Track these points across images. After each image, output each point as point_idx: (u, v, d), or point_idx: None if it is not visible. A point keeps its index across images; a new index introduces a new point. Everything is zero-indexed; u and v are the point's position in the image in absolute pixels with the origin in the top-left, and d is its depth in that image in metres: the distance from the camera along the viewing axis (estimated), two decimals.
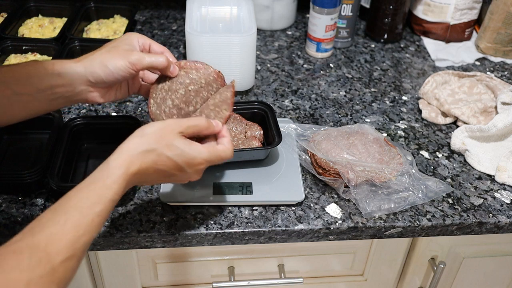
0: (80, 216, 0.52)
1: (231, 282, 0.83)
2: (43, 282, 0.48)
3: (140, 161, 0.58)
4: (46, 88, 0.66)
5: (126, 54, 0.67)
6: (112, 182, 0.56)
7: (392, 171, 0.79)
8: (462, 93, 1.01)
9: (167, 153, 0.60)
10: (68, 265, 0.51)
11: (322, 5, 1.08)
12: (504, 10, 1.12)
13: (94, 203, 0.54)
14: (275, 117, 0.84)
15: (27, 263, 0.48)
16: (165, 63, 0.68)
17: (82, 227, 0.52)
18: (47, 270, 0.49)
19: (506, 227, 0.79)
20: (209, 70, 0.72)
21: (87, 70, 0.66)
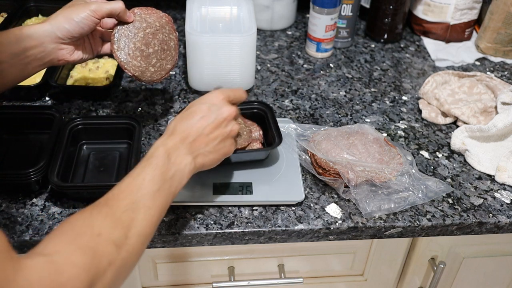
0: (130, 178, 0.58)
1: (231, 282, 0.83)
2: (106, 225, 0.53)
3: (174, 125, 0.65)
4: (19, 52, 0.71)
5: (85, 5, 0.74)
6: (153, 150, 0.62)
7: (392, 171, 0.79)
8: (462, 93, 1.01)
9: (191, 108, 0.67)
10: (131, 214, 0.55)
11: (322, 5, 1.08)
12: (504, 10, 1.12)
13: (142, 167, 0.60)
14: (274, 117, 0.84)
15: (89, 214, 0.54)
16: (123, 7, 0.76)
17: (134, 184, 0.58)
18: (108, 215, 0.54)
19: (506, 227, 0.79)
20: (160, 14, 0.82)
21: (54, 27, 0.73)
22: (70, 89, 0.97)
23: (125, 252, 0.52)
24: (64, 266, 0.46)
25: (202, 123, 0.65)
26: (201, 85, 0.99)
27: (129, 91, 1.00)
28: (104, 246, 0.50)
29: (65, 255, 0.47)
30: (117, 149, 0.85)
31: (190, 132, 0.64)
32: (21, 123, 0.86)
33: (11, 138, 0.86)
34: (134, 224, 0.54)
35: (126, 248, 0.53)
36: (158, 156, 0.60)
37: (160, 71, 0.82)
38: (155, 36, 0.80)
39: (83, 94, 0.97)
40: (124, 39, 0.78)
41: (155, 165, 0.59)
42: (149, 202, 0.57)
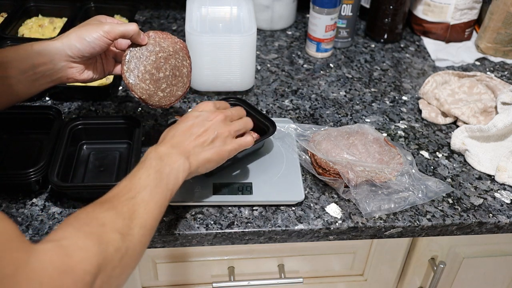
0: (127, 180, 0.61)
1: (231, 282, 0.83)
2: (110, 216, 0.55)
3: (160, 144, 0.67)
4: (28, 69, 0.69)
5: (99, 26, 0.73)
6: (145, 156, 0.64)
7: (392, 171, 0.79)
8: (462, 93, 1.01)
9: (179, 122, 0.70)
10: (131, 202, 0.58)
11: (322, 5, 1.08)
12: (504, 10, 1.12)
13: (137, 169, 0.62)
14: (254, 107, 0.84)
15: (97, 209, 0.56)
16: (136, 30, 0.74)
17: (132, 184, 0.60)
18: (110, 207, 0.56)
19: (506, 227, 0.79)
20: (176, 39, 0.79)
21: (65, 45, 0.71)
22: (70, 89, 0.97)
23: (129, 242, 0.54)
24: (73, 250, 0.48)
25: (190, 128, 0.68)
26: (201, 85, 0.99)
27: (129, 91, 1.00)
28: (110, 234, 0.52)
29: (73, 240, 0.49)
30: (117, 149, 0.85)
31: (179, 138, 0.67)
32: (21, 123, 0.86)
33: (11, 138, 0.86)
34: (136, 216, 0.56)
35: (130, 238, 0.54)
36: (151, 159, 0.63)
37: (169, 96, 0.79)
38: (167, 61, 0.77)
39: (83, 94, 0.97)
40: (135, 60, 0.75)
41: (149, 165, 0.62)
42: (148, 197, 0.58)
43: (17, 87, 0.70)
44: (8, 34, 1.05)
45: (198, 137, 0.67)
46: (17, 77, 0.69)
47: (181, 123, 0.69)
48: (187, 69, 0.81)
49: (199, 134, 0.68)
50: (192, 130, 0.68)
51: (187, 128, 0.68)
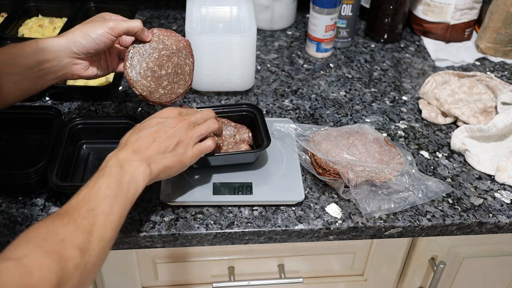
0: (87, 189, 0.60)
1: (231, 282, 0.83)
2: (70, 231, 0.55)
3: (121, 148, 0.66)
4: (34, 65, 0.70)
5: (103, 22, 0.73)
6: (105, 164, 0.63)
7: (392, 171, 0.79)
8: (462, 93, 1.01)
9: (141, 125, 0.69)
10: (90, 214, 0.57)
11: (322, 5, 1.08)
12: (504, 10, 1.12)
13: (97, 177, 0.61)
14: (263, 119, 0.84)
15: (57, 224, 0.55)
16: (140, 26, 0.74)
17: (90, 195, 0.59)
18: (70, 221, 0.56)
19: (506, 227, 0.79)
20: (179, 37, 0.79)
21: (70, 41, 0.71)
22: (70, 89, 0.97)
23: (88, 256, 0.54)
24: (33, 269, 0.48)
25: (154, 134, 0.67)
26: (201, 85, 0.99)
27: (129, 91, 1.00)
28: (69, 250, 0.52)
29: (33, 259, 0.49)
30: None
31: (141, 143, 0.66)
32: (21, 123, 0.86)
33: (11, 138, 0.86)
34: (95, 229, 0.56)
35: (90, 252, 0.54)
36: (111, 166, 0.62)
37: (170, 94, 0.79)
38: (170, 58, 0.78)
39: (83, 94, 0.97)
40: (138, 57, 0.76)
41: (109, 174, 0.61)
42: (108, 209, 0.58)
43: (23, 83, 0.71)
44: (8, 34, 1.05)
45: (160, 144, 0.66)
46: (23, 74, 0.70)
47: (145, 128, 0.68)
48: (189, 67, 0.80)
49: (162, 141, 0.66)
50: (155, 136, 0.67)
51: (150, 133, 0.67)
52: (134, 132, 0.68)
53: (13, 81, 0.70)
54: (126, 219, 0.73)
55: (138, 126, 0.70)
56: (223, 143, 0.81)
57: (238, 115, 0.86)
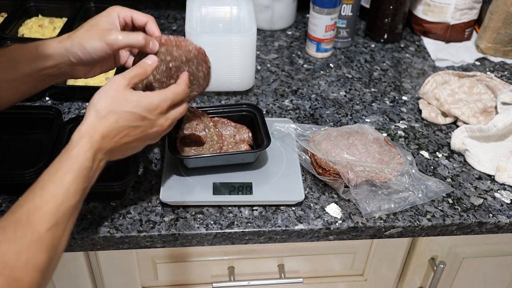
0: (54, 186, 0.55)
1: (231, 282, 0.83)
2: (32, 250, 0.51)
3: (101, 125, 0.60)
4: (33, 72, 0.69)
5: (103, 34, 0.67)
6: (78, 151, 0.58)
7: (392, 171, 0.79)
8: (462, 93, 1.01)
9: (124, 108, 0.62)
10: (54, 232, 0.53)
11: (322, 5, 1.08)
12: (504, 10, 1.12)
13: (65, 173, 0.56)
14: (263, 119, 0.84)
15: (13, 236, 0.51)
16: (142, 42, 0.68)
17: (59, 196, 0.55)
18: (34, 239, 0.51)
19: (506, 227, 0.79)
20: (190, 47, 0.72)
21: (68, 51, 0.68)
22: (70, 89, 0.97)
23: (48, 274, 0.53)
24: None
25: (130, 131, 0.63)
26: None
27: None
28: (31, 274, 0.50)
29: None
30: None
31: (113, 134, 0.62)
32: (21, 123, 0.86)
33: (11, 138, 0.86)
34: (58, 243, 0.54)
35: (50, 269, 0.53)
36: (85, 160, 0.58)
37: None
38: (179, 69, 0.72)
39: (83, 94, 0.97)
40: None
41: (80, 172, 0.57)
42: (71, 216, 0.56)
43: (22, 88, 0.71)
44: (8, 34, 1.05)
45: (127, 143, 0.64)
46: (22, 79, 0.69)
47: (128, 119, 0.62)
48: (203, 73, 0.75)
49: (130, 141, 0.64)
50: (130, 133, 0.63)
51: (127, 127, 0.62)
52: (118, 113, 0.62)
53: (12, 86, 0.69)
54: (126, 219, 0.74)
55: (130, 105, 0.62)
56: (223, 143, 0.81)
57: (238, 115, 0.86)
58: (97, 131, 0.60)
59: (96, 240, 0.72)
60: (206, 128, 0.81)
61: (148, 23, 0.72)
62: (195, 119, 0.81)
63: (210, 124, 0.82)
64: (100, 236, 0.71)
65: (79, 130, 0.60)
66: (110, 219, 0.73)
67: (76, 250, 0.73)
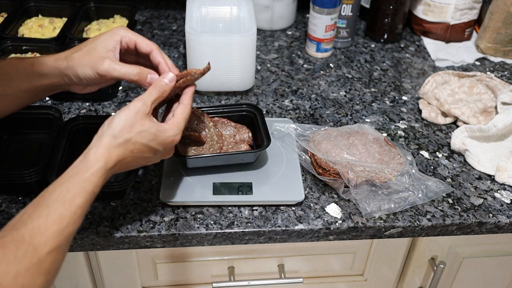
0: (62, 208, 0.54)
1: (231, 282, 0.83)
2: (30, 274, 0.50)
3: (117, 153, 0.61)
4: (28, 89, 0.69)
5: (97, 63, 0.66)
6: (91, 175, 0.58)
7: (392, 171, 0.79)
8: (462, 93, 1.01)
9: (142, 140, 0.62)
10: (55, 256, 0.52)
11: (322, 5, 1.08)
12: (504, 10, 1.12)
13: (75, 195, 0.55)
14: (264, 119, 0.84)
15: (14, 255, 0.49)
16: (136, 77, 0.66)
17: (65, 219, 0.54)
18: (34, 261, 0.50)
19: (506, 227, 0.79)
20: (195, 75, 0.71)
21: (62, 73, 0.68)
22: None
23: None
24: None
25: (142, 160, 0.65)
26: (201, 85, 0.99)
27: (129, 91, 1.00)
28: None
29: None
30: None
31: (129, 160, 0.63)
32: (21, 123, 0.86)
33: (11, 138, 0.86)
34: (57, 266, 0.53)
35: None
36: (96, 186, 0.58)
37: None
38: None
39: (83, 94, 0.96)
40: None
41: (89, 197, 0.57)
42: (71, 239, 0.56)
43: (18, 101, 0.71)
44: (8, 34, 1.05)
45: (131, 166, 0.65)
46: (18, 94, 0.70)
47: (143, 151, 0.63)
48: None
49: (135, 166, 0.65)
50: (139, 161, 0.64)
51: (139, 158, 0.63)
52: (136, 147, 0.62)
53: (8, 100, 0.70)
54: (126, 219, 0.74)
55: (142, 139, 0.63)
56: (223, 143, 0.81)
57: (238, 115, 0.86)
58: (112, 158, 0.60)
59: (96, 240, 0.72)
60: (206, 128, 0.81)
61: (152, 52, 0.70)
62: (195, 119, 0.81)
63: (210, 124, 0.82)
64: (100, 236, 0.71)
65: (96, 152, 0.59)
66: (110, 219, 0.73)
67: (76, 250, 0.73)
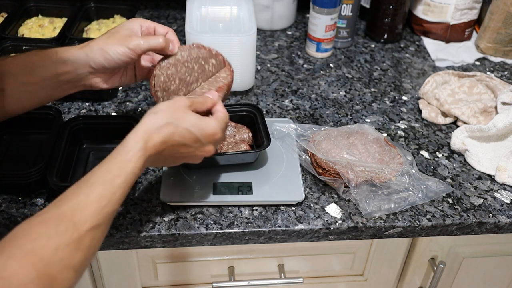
0: (103, 188, 0.55)
1: (231, 282, 0.83)
2: (70, 249, 0.51)
3: (157, 134, 0.61)
4: (52, 77, 0.69)
5: (125, 40, 0.69)
6: (131, 156, 0.58)
7: (392, 171, 0.79)
8: (462, 93, 1.01)
9: (183, 124, 0.63)
10: (94, 234, 0.54)
11: (322, 5, 1.08)
12: (504, 10, 1.12)
13: (116, 176, 0.57)
14: (263, 119, 0.83)
15: (55, 230, 0.51)
16: (163, 44, 0.70)
17: (105, 198, 0.55)
18: (74, 238, 0.51)
19: (506, 227, 0.79)
20: (211, 51, 0.75)
21: (89, 57, 0.69)
22: None
23: (81, 274, 0.53)
24: (13, 276, 0.46)
25: (182, 151, 0.65)
26: None
27: (129, 91, 1.00)
28: (65, 273, 0.50)
29: (22, 282, 0.47)
30: None
31: (168, 153, 0.64)
32: (21, 123, 0.86)
33: (11, 138, 0.86)
34: (95, 245, 0.54)
35: (83, 269, 0.53)
36: (136, 167, 0.58)
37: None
38: (202, 71, 0.74)
39: (83, 94, 0.97)
40: (168, 72, 0.72)
41: (129, 179, 0.58)
42: (110, 219, 0.57)
43: (40, 93, 0.71)
44: (8, 34, 1.05)
45: (171, 158, 0.65)
46: (40, 84, 0.69)
47: (183, 136, 0.63)
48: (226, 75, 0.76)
49: (175, 157, 0.65)
50: (179, 150, 0.64)
51: (179, 145, 0.63)
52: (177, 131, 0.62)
53: (30, 91, 0.70)
54: (126, 219, 0.74)
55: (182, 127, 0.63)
56: (223, 143, 0.81)
57: (238, 115, 0.86)
58: (152, 140, 0.60)
59: None
60: None
61: (168, 33, 0.74)
62: None
63: None
64: None
65: (135, 133, 0.60)
66: None
67: None
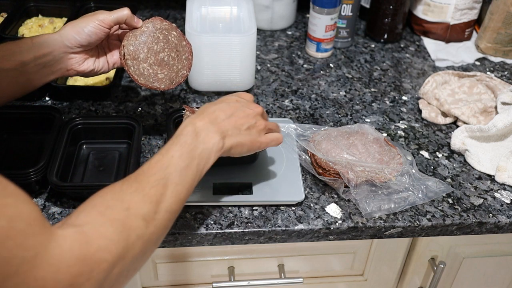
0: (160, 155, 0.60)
1: (231, 282, 0.83)
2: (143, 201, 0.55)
3: (203, 115, 0.66)
4: (30, 60, 0.73)
5: (93, 16, 0.76)
6: (181, 129, 0.63)
7: (392, 171, 0.79)
8: (462, 93, 1.01)
9: (215, 105, 0.69)
10: (157, 188, 0.57)
11: (322, 5, 1.08)
12: (504, 10, 1.12)
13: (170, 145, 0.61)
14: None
15: (135, 186, 0.56)
16: (129, 14, 0.77)
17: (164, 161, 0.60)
18: (144, 193, 0.56)
19: (506, 227, 0.79)
20: (171, 24, 0.82)
21: (63, 36, 0.75)
22: (70, 89, 0.97)
23: (153, 227, 0.54)
24: (94, 237, 0.48)
25: (231, 108, 0.68)
26: (201, 85, 0.99)
27: (129, 91, 1.00)
28: (133, 220, 0.52)
29: (95, 227, 0.49)
30: (116, 149, 0.85)
31: (219, 114, 0.66)
32: (21, 123, 0.86)
33: (11, 138, 0.86)
34: (162, 199, 0.56)
35: (154, 223, 0.54)
36: (187, 134, 0.62)
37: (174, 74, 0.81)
38: (166, 41, 0.80)
39: (83, 94, 0.97)
40: (134, 41, 0.78)
41: (183, 142, 0.61)
42: (177, 179, 0.58)
43: (19, 79, 0.73)
44: (8, 34, 1.05)
45: (237, 119, 0.67)
46: (19, 69, 0.72)
47: (222, 102, 0.69)
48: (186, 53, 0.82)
49: (239, 117, 0.68)
50: (233, 111, 0.68)
51: (229, 108, 0.68)
52: (213, 104, 0.69)
53: (10, 77, 0.72)
54: None
55: (215, 101, 0.70)
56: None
57: None
58: (195, 113, 0.67)
59: None
60: None
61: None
62: None
63: None
64: None
65: (183, 124, 0.65)
66: None
67: None
